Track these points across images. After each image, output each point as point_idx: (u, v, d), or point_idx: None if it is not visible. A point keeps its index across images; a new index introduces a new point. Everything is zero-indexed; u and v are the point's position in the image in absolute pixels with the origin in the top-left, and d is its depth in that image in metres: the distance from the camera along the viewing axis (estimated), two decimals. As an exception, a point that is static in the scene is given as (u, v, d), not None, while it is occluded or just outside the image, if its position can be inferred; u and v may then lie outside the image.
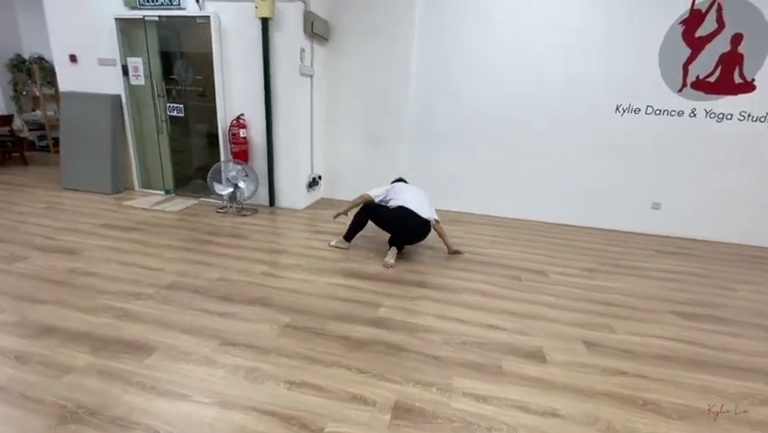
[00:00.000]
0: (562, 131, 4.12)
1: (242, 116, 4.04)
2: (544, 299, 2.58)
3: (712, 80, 3.69)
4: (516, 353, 1.98)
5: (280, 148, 4.11)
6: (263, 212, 4.13)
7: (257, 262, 2.85)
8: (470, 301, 2.48)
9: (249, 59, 3.87)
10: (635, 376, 1.87)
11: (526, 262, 3.18)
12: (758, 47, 3.53)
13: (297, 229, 3.66)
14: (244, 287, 2.47)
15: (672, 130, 3.89)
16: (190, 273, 2.60)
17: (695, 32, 3.60)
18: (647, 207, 4.18)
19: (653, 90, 3.82)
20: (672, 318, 2.45)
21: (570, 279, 2.94)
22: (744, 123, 3.74)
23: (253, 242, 3.26)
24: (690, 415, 1.63)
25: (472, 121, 4.30)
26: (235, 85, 4.01)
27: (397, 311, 2.30)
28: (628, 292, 2.77)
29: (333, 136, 4.62)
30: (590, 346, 2.09)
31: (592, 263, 3.27)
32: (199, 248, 3.05)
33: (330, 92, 4.46)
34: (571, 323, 2.30)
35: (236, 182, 3.91)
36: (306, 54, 3.97)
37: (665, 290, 2.85)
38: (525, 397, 1.68)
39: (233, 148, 4.04)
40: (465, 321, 2.24)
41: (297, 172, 4.19)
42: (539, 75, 4.00)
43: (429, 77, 4.26)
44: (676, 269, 3.28)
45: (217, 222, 3.71)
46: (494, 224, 4.23)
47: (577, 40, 3.84)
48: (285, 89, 3.90)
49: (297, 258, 2.98)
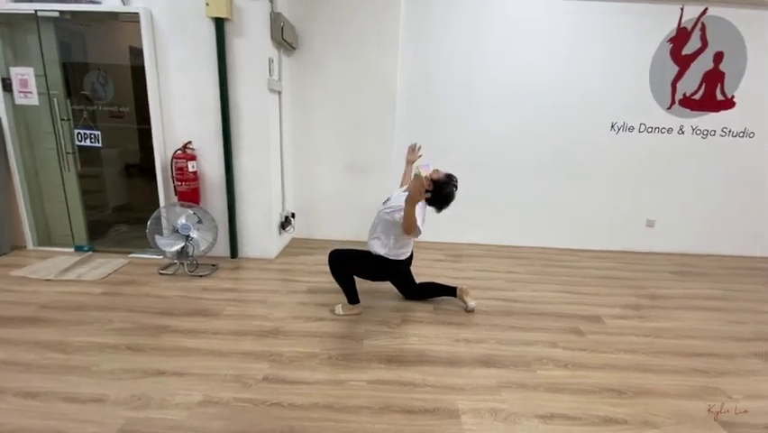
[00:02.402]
0: (560, 152, 3.86)
1: (190, 145, 3.08)
2: (626, 360, 2.12)
3: (697, 98, 3.72)
4: (667, 463, 1.46)
5: (245, 183, 3.21)
6: (225, 267, 3.17)
7: (249, 358, 1.97)
8: (553, 380, 1.91)
9: (197, 72, 2.96)
10: (817, 473, 1.46)
11: (570, 306, 2.74)
12: (737, 65, 3.63)
13: (281, 291, 2.79)
14: (249, 413, 1.60)
15: (662, 147, 3.84)
16: (152, 400, 1.64)
17: (682, 50, 3.60)
18: (642, 225, 4.09)
19: (645, 108, 3.75)
20: (760, 364, 2.15)
21: (626, 322, 2.55)
22: (725, 138, 3.83)
23: (229, 320, 2.35)
24: None
25: (467, 145, 3.85)
26: (178, 105, 3.05)
27: (485, 419, 1.63)
28: (691, 333, 2.45)
29: (307, 165, 3.81)
30: (730, 429, 1.64)
31: (630, 297, 2.95)
32: (152, 344, 2.06)
33: (302, 112, 3.68)
34: (682, 394, 1.86)
35: (187, 233, 2.92)
36: (275, 66, 3.17)
37: (719, 324, 2.60)
38: None
39: (178, 187, 3.04)
40: (573, 417, 1.67)
41: (267, 212, 3.31)
42: (536, 94, 3.71)
43: (418, 97, 3.73)
44: (703, 293, 3.11)
45: (166, 291, 2.69)
46: (502, 255, 3.78)
47: (571, 59, 3.62)
48: (250, 109, 3.05)
49: (303, 340, 2.15)
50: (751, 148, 3.85)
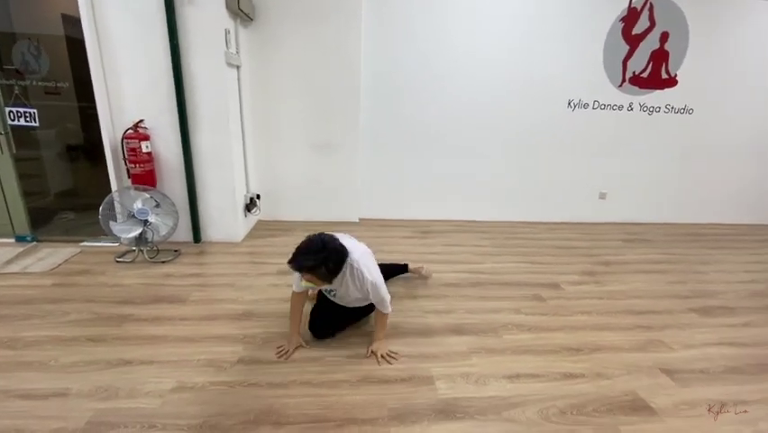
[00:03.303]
0: (521, 129, 3.98)
1: (142, 124, 2.87)
2: (582, 321, 2.30)
3: (645, 76, 3.95)
4: (619, 408, 1.62)
5: (205, 164, 3.06)
6: (189, 252, 3.05)
7: (221, 342, 1.93)
8: (518, 344, 2.04)
9: (147, 44, 2.73)
10: (739, 403, 1.67)
11: (531, 275, 2.90)
12: (680, 45, 3.87)
13: (250, 273, 2.74)
14: (226, 395, 1.59)
15: (614, 123, 4.06)
16: (120, 390, 1.58)
17: (632, 29, 3.78)
18: (595, 198, 4.35)
19: (599, 86, 3.93)
20: (696, 318, 2.41)
21: (582, 287, 2.75)
22: (669, 114, 4.10)
23: (196, 305, 2.28)
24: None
25: (432, 123, 3.86)
26: (127, 81, 2.82)
27: (458, 383, 1.72)
28: (639, 294, 2.68)
29: (270, 144, 3.68)
30: (671, 375, 1.85)
31: (585, 264, 3.17)
32: (115, 334, 1.97)
33: (263, 89, 3.51)
34: (631, 348, 2.05)
35: (145, 217, 2.76)
36: (232, 38, 3.00)
37: (662, 284, 2.87)
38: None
39: (132, 169, 2.85)
40: (537, 375, 1.80)
41: (230, 194, 3.19)
42: (496, 72, 3.76)
43: (383, 75, 3.66)
44: (649, 258, 3.39)
45: (125, 279, 2.55)
46: (468, 230, 3.90)
47: (530, 38, 3.69)
48: (207, 84, 2.87)
49: (277, 321, 2.14)
50: (691, 123, 4.16)
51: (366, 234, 3.64)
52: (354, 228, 3.77)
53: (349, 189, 3.87)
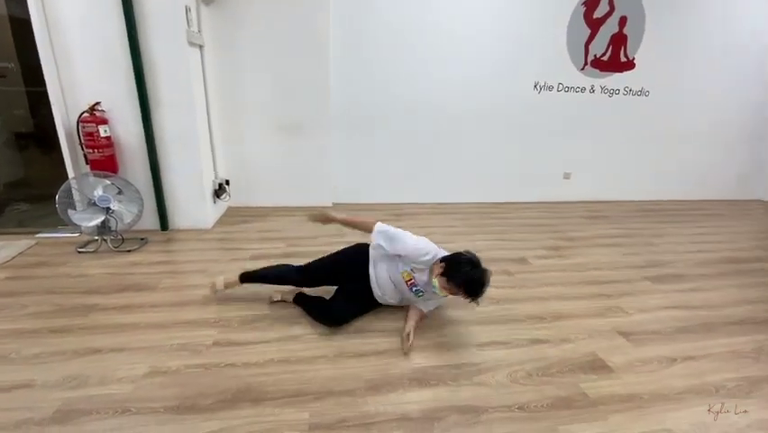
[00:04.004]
0: (490, 111, 4.06)
1: (99, 106, 2.72)
2: (547, 292, 2.43)
3: (605, 59, 4.10)
4: (580, 368, 1.74)
5: (170, 148, 2.95)
6: (156, 240, 2.95)
7: (195, 327, 1.91)
8: (487, 315, 2.13)
9: (101, 21, 2.58)
10: (687, 359, 1.84)
11: (501, 252, 3.01)
12: (637, 29, 4.04)
13: (222, 259, 2.69)
14: (203, 377, 1.58)
15: (577, 105, 4.22)
16: (90, 378, 1.54)
17: (593, 13, 3.90)
18: (560, 178, 4.53)
19: (563, 68, 4.05)
20: (650, 285, 2.59)
21: (547, 261, 2.89)
22: (627, 96, 4.30)
23: (166, 292, 2.23)
24: (758, 387, 1.65)
25: (402, 106, 3.87)
26: (80, 61, 2.65)
27: (432, 353, 1.80)
28: (598, 266, 2.85)
29: (238, 128, 3.58)
30: (627, 336, 2.00)
31: (550, 240, 3.32)
32: (80, 324, 1.90)
33: (228, 69, 3.39)
34: (591, 314, 2.19)
35: (107, 205, 2.65)
36: (193, 16, 2.87)
37: (619, 256, 3.05)
38: (638, 426, 1.44)
39: (89, 154, 2.71)
40: (506, 342, 1.90)
41: (198, 179, 3.10)
42: (465, 56, 3.80)
43: (352, 56, 3.62)
44: (609, 233, 3.59)
45: (89, 270, 2.45)
46: (442, 212, 3.98)
47: (498, 21, 3.75)
48: (168, 65, 2.75)
49: (252, 304, 2.13)
50: (647, 105, 4.39)
51: (340, 217, 3.64)
52: (328, 212, 3.77)
53: (322, 173, 3.84)
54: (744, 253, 3.25)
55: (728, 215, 4.43)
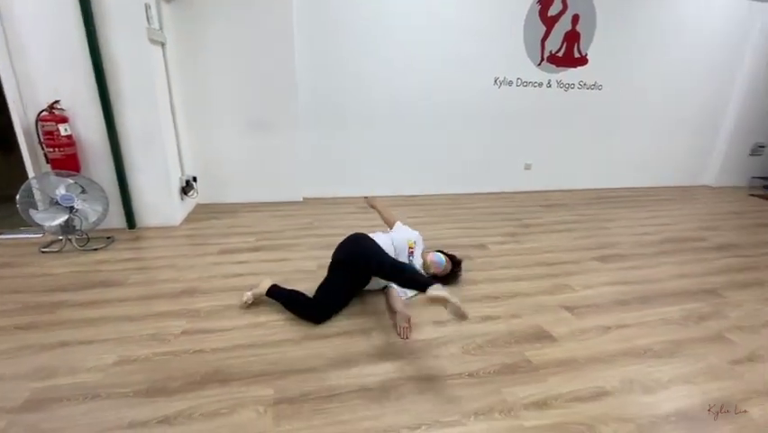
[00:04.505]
0: (454, 106, 4.22)
1: (58, 105, 2.70)
2: (502, 274, 2.61)
3: (560, 55, 4.33)
4: (526, 339, 1.92)
5: (134, 146, 2.95)
6: (123, 239, 2.96)
7: (164, 318, 1.97)
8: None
9: (58, 18, 2.56)
10: (621, 327, 2.05)
11: (463, 239, 3.18)
12: (589, 26, 4.28)
13: (191, 254, 2.74)
14: (172, 363, 1.66)
15: (535, 99, 4.44)
16: (59, 369, 1.59)
17: (548, 11, 4.11)
18: (521, 168, 4.76)
19: (521, 64, 4.26)
20: (597, 265, 2.82)
21: (504, 246, 3.08)
22: (582, 90, 4.56)
23: (135, 287, 2.27)
24: (681, 348, 1.87)
25: (369, 102, 3.98)
26: (37, 58, 2.63)
27: (391, 331, 1.93)
28: (551, 249, 3.06)
29: (204, 124, 3.59)
30: (571, 311, 2.19)
31: (509, 227, 3.52)
32: (48, 320, 1.93)
33: (192, 67, 3.40)
34: (542, 292, 2.38)
35: (70, 204, 2.64)
36: (153, 13, 2.87)
37: (571, 240, 3.28)
38: (572, 385, 1.62)
39: (50, 153, 2.69)
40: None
41: (164, 177, 3.11)
42: (430, 50, 3.94)
43: (319, 53, 3.69)
44: (563, 219, 3.83)
45: (54, 269, 2.45)
46: (407, 204, 4.12)
47: (460, 18, 3.90)
48: (129, 62, 2.75)
49: (220, 295, 2.20)
50: (600, 98, 4.66)
51: (311, 212, 3.73)
52: (299, 207, 3.85)
53: (291, 168, 3.91)
54: (685, 234, 3.54)
55: (676, 199, 4.78)
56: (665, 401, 1.56)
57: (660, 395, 1.59)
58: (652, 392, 1.60)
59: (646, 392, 1.60)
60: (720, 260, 2.98)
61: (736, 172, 5.52)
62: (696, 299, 2.38)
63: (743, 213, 4.30)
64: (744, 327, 2.11)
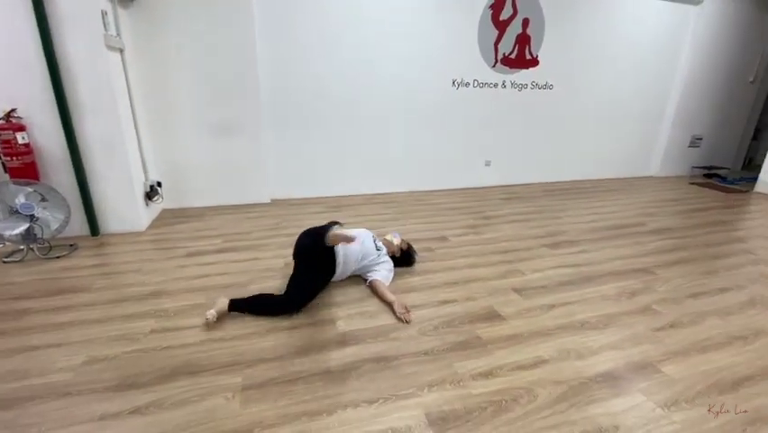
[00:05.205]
0: (417, 107, 4.41)
1: (15, 113, 2.68)
2: (461, 263, 2.80)
3: (513, 57, 4.60)
4: (478, 319, 2.10)
5: (95, 153, 2.95)
6: (87, 245, 2.95)
7: (132, 319, 2.03)
8: (411, 284, 2.45)
9: (10, 25, 2.54)
10: (563, 305, 2.27)
11: (425, 232, 3.36)
12: (539, 29, 4.57)
13: (157, 259, 2.77)
14: (141, 359, 1.73)
15: (491, 99, 4.69)
16: (30, 371, 1.64)
17: (500, 15, 4.36)
18: (482, 165, 5.01)
19: (477, 66, 4.49)
20: (546, 251, 3.06)
21: (464, 238, 3.28)
22: (534, 90, 4.85)
23: (102, 292, 2.30)
24: (614, 320, 2.11)
25: (333, 102, 4.09)
26: (-13, 65, 2.59)
27: (355, 319, 2.07)
28: (507, 238, 3.30)
29: (168, 130, 3.60)
30: (520, 292, 2.40)
31: (469, 220, 3.74)
32: (14, 326, 1.94)
33: (152, 72, 3.40)
34: (494, 277, 2.59)
35: (30, 212, 2.63)
36: (110, 20, 2.88)
37: (526, 229, 3.53)
38: (515, 356, 1.81)
39: (8, 162, 2.66)
40: (421, 305, 2.22)
41: (127, 183, 3.12)
42: (392, 52, 4.10)
43: (281, 54, 3.77)
44: (520, 211, 4.09)
45: (17, 278, 2.44)
46: (377, 202, 4.27)
47: (417, 23, 4.08)
48: (87, 69, 2.76)
49: (188, 295, 2.27)
50: (552, 97, 4.97)
51: (278, 212, 3.82)
52: (267, 209, 3.92)
53: (257, 170, 3.97)
54: (627, 220, 3.87)
55: (623, 189, 5.16)
56: (594, 365, 1.78)
57: (590, 360, 1.81)
58: (583, 358, 1.82)
59: (579, 358, 1.82)
60: (655, 242, 3.29)
61: (678, 163, 6.00)
62: (630, 277, 2.66)
63: (681, 200, 4.71)
64: (668, 299, 2.38)
